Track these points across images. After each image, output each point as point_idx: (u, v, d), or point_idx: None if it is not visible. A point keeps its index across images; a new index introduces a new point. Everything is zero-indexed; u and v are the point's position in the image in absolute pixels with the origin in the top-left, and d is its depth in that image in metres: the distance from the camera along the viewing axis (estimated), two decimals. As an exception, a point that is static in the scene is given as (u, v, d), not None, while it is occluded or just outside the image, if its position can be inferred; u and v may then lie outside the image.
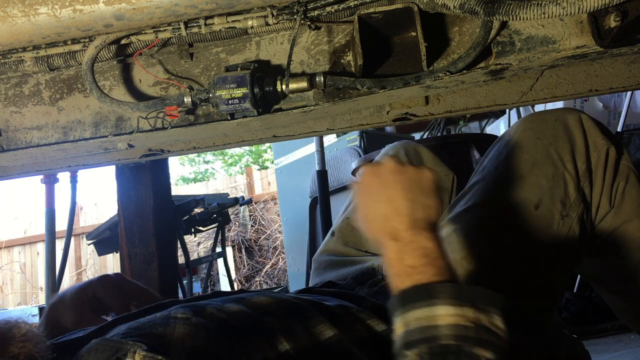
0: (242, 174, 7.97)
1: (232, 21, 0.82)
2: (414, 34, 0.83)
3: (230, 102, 0.81)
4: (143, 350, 0.59)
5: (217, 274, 5.91)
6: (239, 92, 0.81)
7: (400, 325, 0.63)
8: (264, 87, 0.83)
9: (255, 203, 6.73)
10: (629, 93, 2.73)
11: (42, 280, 6.40)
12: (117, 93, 0.91)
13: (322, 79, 0.82)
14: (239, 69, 0.83)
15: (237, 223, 6.53)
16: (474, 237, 0.96)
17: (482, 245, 0.95)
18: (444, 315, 0.60)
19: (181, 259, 3.12)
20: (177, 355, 0.63)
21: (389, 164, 0.72)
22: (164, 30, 0.83)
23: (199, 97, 0.84)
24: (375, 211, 0.71)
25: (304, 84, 0.83)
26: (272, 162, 5.30)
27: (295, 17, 0.80)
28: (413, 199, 0.70)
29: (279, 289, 4.06)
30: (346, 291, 1.00)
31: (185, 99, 0.84)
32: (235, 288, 5.20)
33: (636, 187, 0.99)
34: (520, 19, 0.68)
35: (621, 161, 0.99)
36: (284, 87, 0.83)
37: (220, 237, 3.88)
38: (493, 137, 1.16)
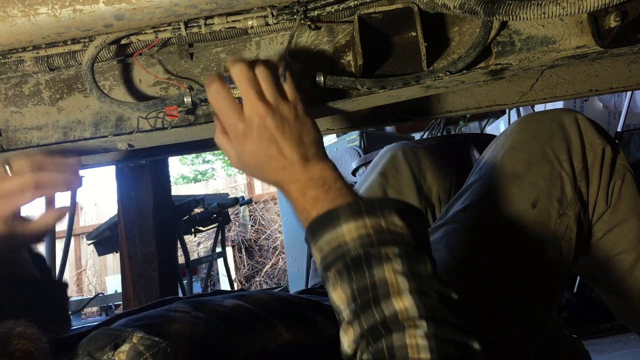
0: (242, 173, 7.97)
1: (232, 21, 0.82)
2: (414, 34, 0.83)
3: None
4: (140, 333, 0.60)
5: (217, 274, 5.91)
6: (238, 92, 0.81)
7: (317, 253, 0.67)
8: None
9: (255, 203, 6.73)
10: (629, 93, 2.73)
11: (42, 280, 6.39)
12: (117, 93, 0.91)
13: (322, 78, 0.82)
14: None
15: (237, 223, 6.53)
16: (472, 236, 0.97)
17: (480, 244, 0.96)
18: (348, 231, 0.64)
19: (181, 259, 3.12)
20: (176, 343, 0.64)
21: (267, 120, 0.70)
22: (164, 30, 0.83)
23: (199, 97, 0.84)
24: (263, 160, 0.71)
25: (303, 84, 0.83)
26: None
27: (295, 17, 0.80)
28: (299, 140, 0.71)
29: (279, 289, 4.07)
30: None
31: (185, 99, 0.84)
32: (235, 288, 5.20)
33: (632, 186, 0.99)
34: (520, 19, 0.68)
35: (617, 160, 0.99)
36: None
37: (220, 237, 3.88)
38: (493, 137, 1.16)
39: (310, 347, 0.75)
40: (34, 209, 0.84)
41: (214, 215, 3.63)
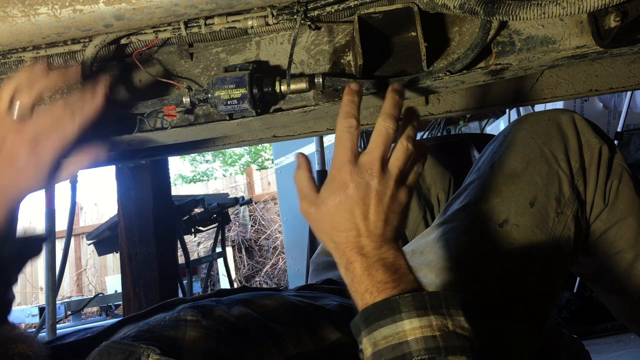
0: (242, 173, 7.98)
1: (232, 21, 0.82)
2: (414, 34, 0.83)
3: (229, 102, 0.81)
4: (156, 355, 0.58)
5: (217, 274, 5.91)
6: (237, 92, 0.81)
7: (368, 346, 0.61)
8: (263, 87, 0.83)
9: (255, 203, 6.73)
10: (629, 93, 2.73)
11: (42, 280, 6.40)
12: (117, 93, 0.91)
13: (320, 80, 0.82)
14: (237, 69, 0.83)
15: (237, 223, 6.53)
16: (471, 235, 0.97)
17: (478, 243, 0.96)
18: (411, 329, 0.58)
19: (181, 259, 3.12)
20: (191, 358, 0.63)
21: (374, 182, 0.67)
22: (164, 30, 0.83)
23: (197, 97, 0.84)
24: (347, 223, 0.67)
25: (303, 85, 0.83)
26: (272, 162, 5.30)
27: (295, 17, 0.80)
28: (386, 219, 0.67)
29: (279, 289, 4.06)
30: (345, 288, 1.00)
31: (184, 99, 0.84)
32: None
33: (629, 186, 0.99)
34: (520, 19, 0.68)
35: (614, 160, 1.00)
36: (283, 87, 0.83)
37: (220, 237, 3.88)
38: (493, 137, 1.17)
39: (316, 355, 0.74)
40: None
41: (214, 215, 3.63)
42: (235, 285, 5.74)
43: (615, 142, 2.66)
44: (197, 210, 3.52)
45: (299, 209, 0.72)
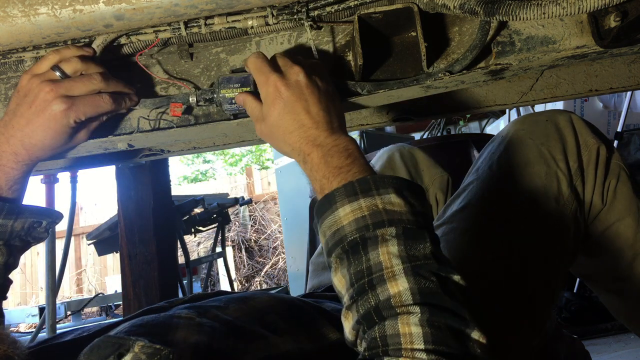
0: (243, 174, 7.98)
1: (232, 21, 0.82)
2: (414, 34, 0.83)
3: (234, 101, 0.82)
4: (143, 342, 0.59)
5: (217, 274, 5.91)
6: (242, 92, 0.82)
7: (322, 237, 0.67)
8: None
9: (255, 203, 6.73)
10: (629, 93, 2.74)
11: (42, 280, 6.41)
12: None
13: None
14: (243, 70, 0.84)
15: (237, 223, 6.53)
16: (470, 236, 0.97)
17: (478, 244, 0.96)
18: (344, 215, 0.63)
19: (181, 259, 3.12)
20: (181, 350, 0.63)
21: (300, 77, 0.73)
22: (164, 30, 0.83)
23: (203, 97, 0.84)
24: (294, 122, 0.72)
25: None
26: (272, 162, 5.30)
27: (295, 17, 0.80)
28: (327, 108, 0.73)
29: (279, 289, 4.07)
30: None
31: (190, 98, 0.85)
32: (235, 288, 5.20)
33: (627, 185, 1.00)
34: (520, 19, 0.68)
35: (612, 160, 1.00)
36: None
37: (220, 237, 3.88)
38: (492, 137, 1.17)
39: (314, 355, 0.74)
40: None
41: (214, 215, 3.63)
42: (236, 285, 5.74)
43: (615, 142, 2.66)
44: (197, 210, 3.52)
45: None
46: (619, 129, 2.71)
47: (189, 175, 10.04)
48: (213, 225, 3.78)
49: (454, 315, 0.57)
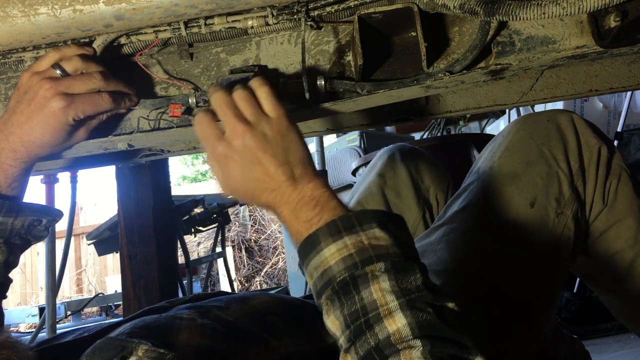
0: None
1: (232, 21, 0.82)
2: (414, 34, 0.83)
3: None
4: (146, 346, 0.59)
5: (217, 274, 5.91)
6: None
7: (309, 279, 0.65)
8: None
9: (255, 203, 6.72)
10: (629, 93, 2.74)
11: (42, 280, 6.41)
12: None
13: (322, 82, 0.82)
14: (242, 70, 0.84)
15: (237, 223, 6.53)
16: (471, 236, 0.97)
17: (479, 244, 0.96)
18: (330, 255, 0.62)
19: (181, 259, 3.12)
20: (184, 353, 0.63)
21: (246, 139, 0.68)
22: (164, 30, 0.83)
23: (203, 97, 0.84)
24: (249, 183, 0.69)
25: (301, 87, 0.83)
26: (272, 162, 5.28)
27: (295, 17, 0.80)
28: (285, 159, 0.69)
29: (278, 289, 4.06)
30: None
31: (189, 99, 0.85)
32: (235, 288, 5.20)
33: (628, 186, 0.99)
34: (520, 19, 0.68)
35: (613, 160, 1.00)
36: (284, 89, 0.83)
37: (220, 237, 3.88)
38: (493, 137, 1.17)
39: (314, 357, 0.74)
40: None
41: (214, 215, 3.62)
42: (236, 285, 5.74)
43: (615, 142, 2.66)
44: (197, 210, 3.51)
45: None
46: (619, 129, 2.71)
47: (189, 175, 10.04)
48: (213, 225, 3.78)
49: (455, 344, 0.56)
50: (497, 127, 3.73)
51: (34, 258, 6.79)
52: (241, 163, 0.69)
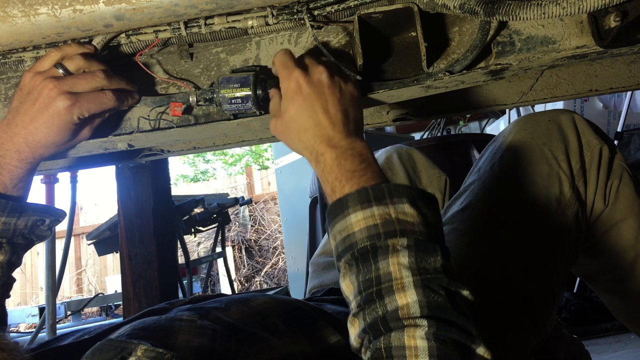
0: (242, 174, 7.97)
1: (232, 21, 0.82)
2: (414, 34, 0.83)
3: (233, 101, 0.82)
4: (145, 345, 0.59)
5: (217, 274, 5.91)
6: (242, 92, 0.82)
7: (332, 240, 0.67)
8: (267, 88, 0.83)
9: (255, 203, 6.73)
10: (629, 93, 2.74)
11: (42, 280, 6.40)
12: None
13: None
14: (244, 70, 0.84)
15: (237, 223, 6.53)
16: (472, 236, 0.96)
17: (479, 245, 0.96)
18: (356, 222, 0.63)
19: (181, 259, 3.12)
20: (184, 353, 0.63)
21: (323, 76, 0.73)
22: (164, 30, 0.83)
23: (203, 96, 0.84)
24: (310, 120, 0.72)
25: None
26: (272, 162, 5.30)
27: (295, 17, 0.80)
28: (345, 111, 0.73)
29: (278, 289, 4.06)
30: None
31: (190, 98, 0.85)
32: (235, 288, 5.20)
33: (630, 186, 0.99)
34: (520, 19, 0.68)
35: (614, 160, 1.00)
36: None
37: (220, 237, 3.88)
38: (493, 137, 1.17)
39: (315, 358, 0.74)
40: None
41: (214, 215, 3.63)
42: (236, 286, 5.74)
43: (615, 142, 2.67)
44: (197, 210, 3.51)
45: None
46: (619, 129, 2.71)
47: (189, 175, 10.04)
48: (213, 225, 3.78)
49: (461, 330, 0.57)
50: (497, 127, 3.73)
51: (34, 258, 6.79)
52: (308, 96, 0.72)
